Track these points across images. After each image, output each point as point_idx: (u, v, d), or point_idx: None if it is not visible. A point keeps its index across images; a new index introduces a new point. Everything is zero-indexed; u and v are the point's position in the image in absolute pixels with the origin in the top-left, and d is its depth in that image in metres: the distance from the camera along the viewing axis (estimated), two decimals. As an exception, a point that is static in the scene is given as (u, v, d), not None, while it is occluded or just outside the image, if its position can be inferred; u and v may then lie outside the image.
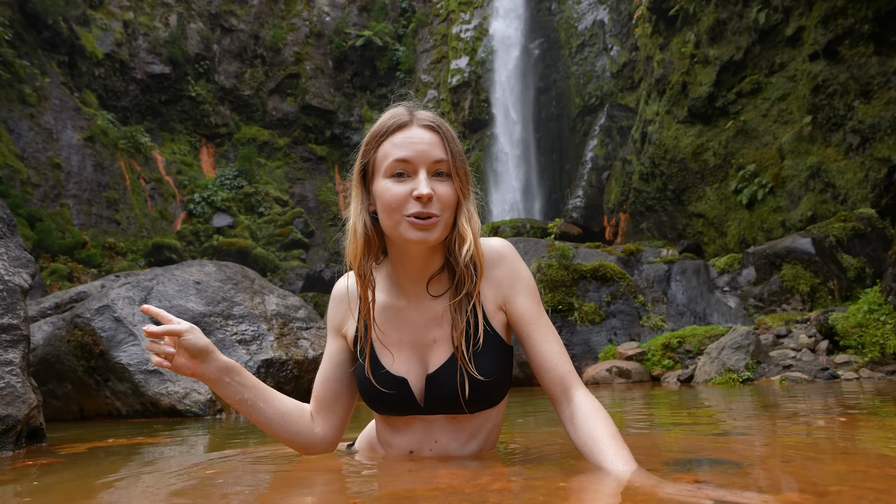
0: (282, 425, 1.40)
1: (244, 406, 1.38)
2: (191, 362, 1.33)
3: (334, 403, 1.44)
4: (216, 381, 1.36)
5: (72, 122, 15.66)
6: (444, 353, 1.34)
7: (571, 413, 1.27)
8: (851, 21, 8.47)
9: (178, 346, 1.33)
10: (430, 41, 22.17)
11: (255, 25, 21.54)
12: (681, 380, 5.51)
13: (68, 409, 4.23)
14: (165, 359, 1.30)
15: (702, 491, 0.96)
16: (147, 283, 4.62)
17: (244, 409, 1.38)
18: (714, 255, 10.23)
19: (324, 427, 1.44)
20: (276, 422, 1.39)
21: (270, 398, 1.40)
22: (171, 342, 1.32)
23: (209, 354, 1.34)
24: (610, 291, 7.21)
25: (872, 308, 5.13)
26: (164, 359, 1.30)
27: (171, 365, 1.31)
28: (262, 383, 1.42)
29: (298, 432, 1.41)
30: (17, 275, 2.76)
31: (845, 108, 8.61)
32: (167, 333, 1.31)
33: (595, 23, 18.32)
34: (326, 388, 1.44)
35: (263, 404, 1.39)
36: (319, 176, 21.84)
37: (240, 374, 1.38)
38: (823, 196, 8.87)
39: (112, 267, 14.05)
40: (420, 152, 1.27)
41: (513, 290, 1.36)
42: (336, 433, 1.47)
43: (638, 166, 12.95)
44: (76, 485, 1.56)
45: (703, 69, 11.24)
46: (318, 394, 1.45)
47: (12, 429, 2.42)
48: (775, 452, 1.52)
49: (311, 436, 1.43)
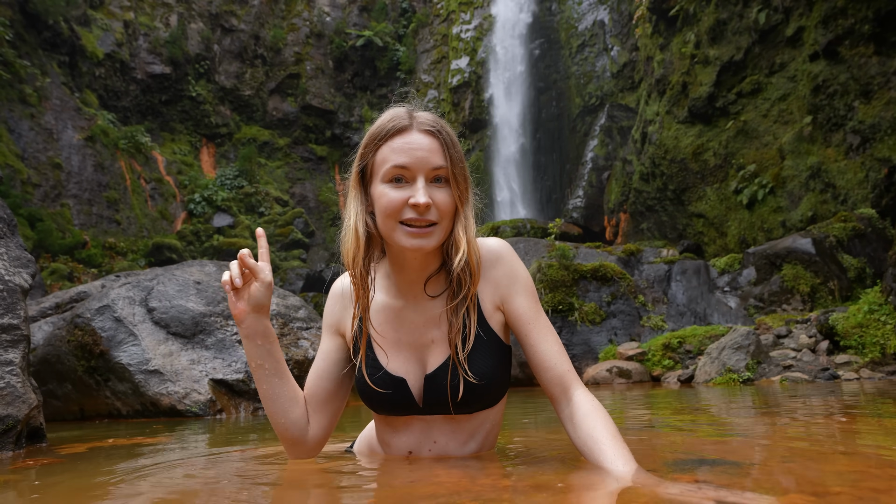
0: (285, 408, 1.38)
1: (261, 372, 1.37)
2: (244, 305, 1.32)
3: (326, 402, 1.43)
4: (251, 336, 1.34)
5: (72, 122, 15.67)
6: (442, 353, 1.34)
7: (571, 413, 1.27)
8: (851, 21, 8.47)
9: (247, 286, 1.32)
10: (430, 41, 22.18)
11: (256, 25, 21.55)
12: (681, 380, 5.51)
13: (68, 409, 4.23)
14: (234, 282, 1.29)
15: (702, 491, 0.96)
16: (147, 283, 4.62)
17: (260, 375, 1.37)
18: (714, 255, 10.23)
19: (313, 425, 1.43)
20: (281, 401, 1.38)
21: (287, 378, 1.40)
22: (246, 276, 1.32)
23: (260, 312, 1.33)
24: (610, 291, 7.20)
25: (873, 308, 5.13)
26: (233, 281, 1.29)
27: (233, 293, 1.31)
28: (286, 364, 1.42)
29: (296, 422, 1.40)
30: (17, 275, 2.76)
31: (845, 109, 8.60)
32: (252, 269, 1.30)
33: (595, 23, 18.32)
34: (319, 387, 1.43)
35: (278, 380, 1.38)
36: (320, 176, 21.84)
37: (272, 344, 1.37)
38: (824, 196, 8.86)
39: (112, 267, 14.06)
40: (419, 159, 1.26)
41: (511, 290, 1.36)
42: (324, 434, 1.45)
43: (638, 166, 12.95)
44: (76, 485, 1.56)
45: (704, 69, 11.24)
46: (311, 392, 1.44)
47: (12, 429, 2.42)
48: (776, 453, 1.52)
49: (304, 430, 1.41)
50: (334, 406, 1.45)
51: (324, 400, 1.43)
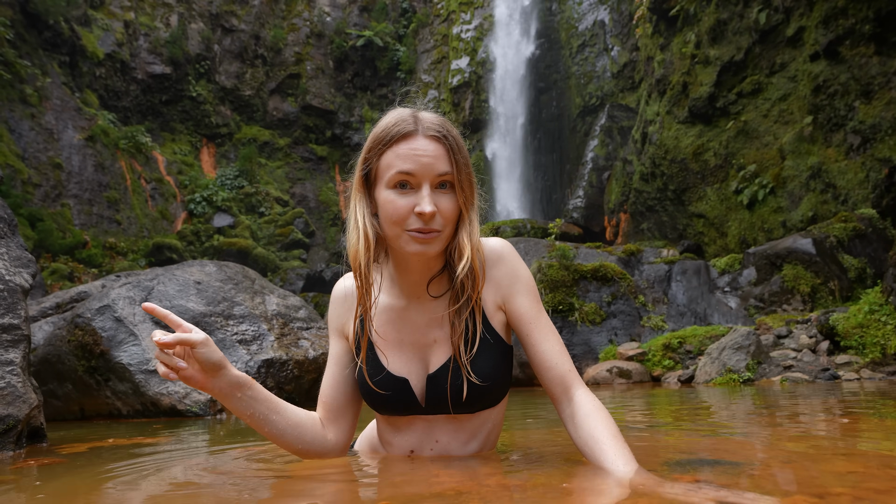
0: (295, 436, 1.35)
1: (255, 420, 1.31)
2: (201, 375, 1.25)
3: (345, 407, 1.42)
4: (227, 396, 1.28)
5: (73, 122, 15.67)
6: (444, 353, 1.34)
7: (572, 412, 1.27)
8: (852, 21, 8.46)
9: (189, 358, 1.24)
10: (430, 41, 22.18)
11: (256, 26, 21.55)
12: (681, 380, 5.51)
13: (69, 408, 4.23)
14: (175, 371, 1.21)
15: (702, 491, 0.96)
16: (148, 283, 4.62)
17: (255, 422, 1.31)
18: (715, 255, 10.23)
19: (335, 433, 1.41)
20: (289, 433, 1.34)
21: (283, 409, 1.35)
22: (182, 352, 1.24)
23: (221, 369, 1.26)
24: (610, 292, 7.20)
25: (873, 308, 5.13)
26: (177, 369, 1.21)
27: (179, 377, 1.22)
28: (272, 395, 1.35)
29: (313, 441, 1.37)
30: (17, 275, 2.76)
31: (846, 109, 8.60)
32: (180, 343, 1.21)
33: (596, 23, 18.32)
34: (337, 392, 1.41)
35: (276, 416, 1.33)
36: (320, 176, 21.84)
37: (252, 388, 1.31)
38: (824, 196, 8.86)
39: (113, 267, 14.06)
40: (424, 165, 1.24)
41: (512, 290, 1.36)
42: (347, 437, 1.44)
43: (638, 166, 12.95)
44: (77, 484, 1.56)
45: (704, 69, 11.24)
46: (328, 398, 1.41)
47: (13, 428, 2.42)
48: (776, 453, 1.52)
49: (324, 443, 1.39)
50: (353, 409, 1.44)
51: (342, 405, 1.41)
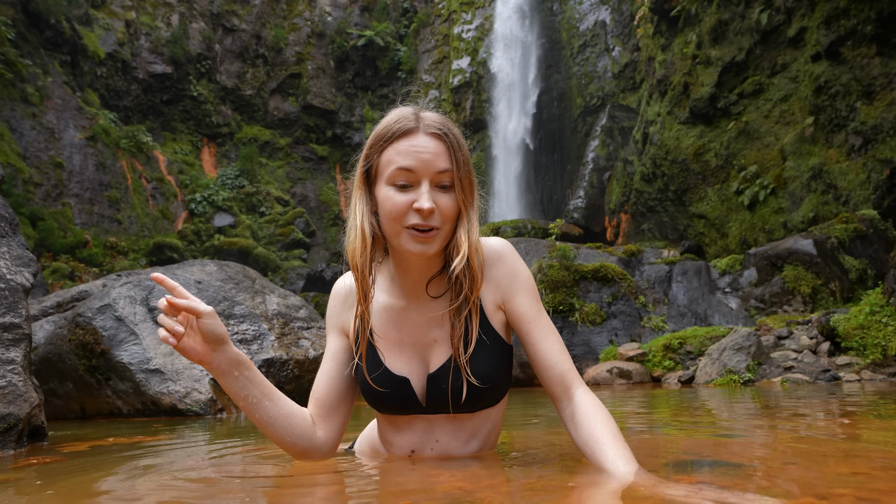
0: (285, 427, 1.33)
1: (248, 403, 1.30)
2: (201, 347, 1.24)
3: (337, 405, 1.40)
4: (224, 373, 1.27)
5: (74, 121, 15.68)
6: (444, 353, 1.34)
7: (572, 412, 1.27)
8: (854, 22, 8.46)
9: (192, 328, 1.24)
10: (431, 41, 22.18)
11: (257, 25, 21.56)
12: (681, 381, 5.51)
13: (69, 407, 4.24)
14: (173, 336, 1.21)
15: (703, 492, 0.96)
16: (148, 283, 4.62)
17: (248, 405, 1.30)
18: (715, 256, 10.23)
19: (325, 431, 1.39)
20: (279, 423, 1.32)
21: (276, 397, 1.33)
22: (185, 320, 1.23)
23: (223, 344, 1.26)
24: (611, 292, 7.20)
25: (874, 310, 5.13)
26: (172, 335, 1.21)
27: (177, 344, 1.21)
28: (269, 381, 1.35)
29: (301, 436, 1.36)
30: (18, 274, 2.76)
31: (847, 110, 8.60)
32: (187, 310, 1.22)
33: (597, 23, 18.31)
34: (330, 388, 1.40)
35: (269, 403, 1.31)
36: (321, 176, 21.85)
37: (249, 370, 1.30)
38: (825, 197, 8.86)
39: (113, 266, 14.08)
40: (424, 162, 1.24)
41: (512, 290, 1.36)
42: (337, 437, 1.42)
43: (639, 167, 12.94)
44: (78, 483, 1.56)
45: (705, 70, 11.24)
46: (321, 395, 1.40)
47: (14, 427, 2.42)
48: (776, 454, 1.52)
49: (312, 440, 1.37)
50: (345, 408, 1.42)
51: (335, 403, 1.40)
